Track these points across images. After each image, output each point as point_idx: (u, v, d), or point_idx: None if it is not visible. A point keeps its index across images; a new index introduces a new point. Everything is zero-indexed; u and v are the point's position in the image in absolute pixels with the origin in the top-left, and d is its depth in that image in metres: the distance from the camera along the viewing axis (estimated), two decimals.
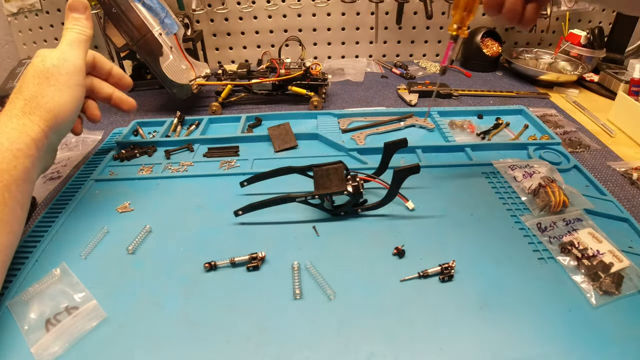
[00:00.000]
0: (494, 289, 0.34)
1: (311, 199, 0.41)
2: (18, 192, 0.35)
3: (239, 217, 0.42)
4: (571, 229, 0.40)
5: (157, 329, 0.32)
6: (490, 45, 0.88)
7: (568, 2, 0.86)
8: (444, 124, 0.61)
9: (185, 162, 0.54)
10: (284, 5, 0.90)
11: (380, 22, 0.93)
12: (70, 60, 0.42)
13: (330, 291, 0.34)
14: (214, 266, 0.37)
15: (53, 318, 0.32)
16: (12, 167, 0.35)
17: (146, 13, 0.66)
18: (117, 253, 0.39)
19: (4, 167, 0.34)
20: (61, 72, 0.41)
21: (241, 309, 0.33)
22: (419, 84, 0.78)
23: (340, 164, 0.43)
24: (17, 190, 0.35)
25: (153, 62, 0.66)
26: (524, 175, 0.47)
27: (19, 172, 0.35)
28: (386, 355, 0.29)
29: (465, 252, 0.38)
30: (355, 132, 0.60)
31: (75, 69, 0.42)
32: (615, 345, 0.30)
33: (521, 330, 0.31)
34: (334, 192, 0.40)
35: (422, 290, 0.34)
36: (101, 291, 0.34)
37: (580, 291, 0.34)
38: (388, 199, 0.42)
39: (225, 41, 0.95)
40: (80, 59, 0.43)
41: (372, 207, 0.43)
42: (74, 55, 0.42)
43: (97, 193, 0.48)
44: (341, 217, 0.43)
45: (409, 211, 0.43)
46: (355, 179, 0.42)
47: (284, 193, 0.41)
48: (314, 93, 0.70)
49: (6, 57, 0.94)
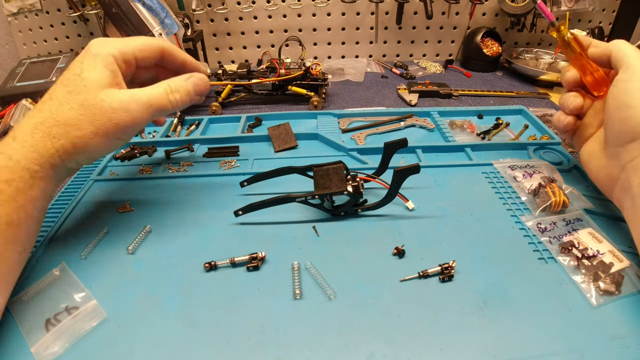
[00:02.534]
0: (494, 289, 0.34)
1: (311, 199, 0.41)
2: (34, 209, 0.33)
3: (239, 217, 0.42)
4: (571, 229, 0.40)
5: (157, 329, 0.32)
6: (490, 45, 0.88)
7: (568, 2, 0.86)
8: (444, 124, 0.61)
9: (185, 162, 0.54)
10: (284, 5, 0.90)
11: (380, 22, 0.93)
12: (132, 115, 0.35)
13: (330, 291, 0.34)
14: (214, 266, 0.37)
15: (53, 318, 0.32)
16: (28, 186, 0.32)
17: (146, 13, 0.66)
18: (117, 253, 0.39)
19: (20, 186, 0.32)
20: (112, 120, 0.34)
21: (241, 309, 0.33)
22: (419, 84, 0.78)
23: (340, 164, 0.43)
24: (33, 208, 0.33)
25: None
26: (524, 175, 0.47)
27: (35, 191, 0.33)
28: (386, 355, 0.29)
29: (465, 252, 0.38)
30: (355, 132, 0.60)
31: (130, 127, 0.36)
32: (615, 345, 0.30)
33: (521, 330, 0.31)
34: (334, 192, 0.40)
35: (422, 290, 0.34)
36: (101, 291, 0.35)
37: (580, 291, 0.34)
38: (388, 199, 0.42)
39: (225, 41, 0.95)
40: (143, 122, 0.36)
41: (372, 207, 0.43)
42: (139, 114, 0.36)
43: (97, 193, 0.48)
44: (341, 217, 0.43)
45: (409, 211, 0.43)
46: (355, 179, 0.42)
47: (284, 193, 0.41)
48: (314, 93, 0.70)
49: (6, 57, 0.94)
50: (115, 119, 0.34)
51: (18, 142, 0.33)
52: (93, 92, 0.34)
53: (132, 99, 0.35)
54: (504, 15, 0.90)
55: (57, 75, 0.80)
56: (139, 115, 0.36)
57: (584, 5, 0.87)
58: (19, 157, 0.32)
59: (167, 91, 0.38)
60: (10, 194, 0.31)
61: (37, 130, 0.33)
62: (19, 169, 0.32)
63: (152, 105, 0.36)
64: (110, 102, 0.34)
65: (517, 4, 0.84)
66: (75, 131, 0.34)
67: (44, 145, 0.33)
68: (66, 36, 0.92)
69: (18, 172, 0.32)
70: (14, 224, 0.31)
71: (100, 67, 0.35)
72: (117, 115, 0.34)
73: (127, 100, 0.35)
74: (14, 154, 0.32)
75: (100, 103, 0.34)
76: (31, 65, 0.83)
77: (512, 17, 0.88)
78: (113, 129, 0.35)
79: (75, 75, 0.35)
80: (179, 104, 0.39)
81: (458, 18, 0.93)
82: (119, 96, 0.35)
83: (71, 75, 0.35)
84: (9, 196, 0.31)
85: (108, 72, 0.35)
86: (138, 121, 0.36)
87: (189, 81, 0.40)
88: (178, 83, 0.39)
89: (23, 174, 0.32)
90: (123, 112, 0.35)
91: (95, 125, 0.34)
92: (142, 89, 0.37)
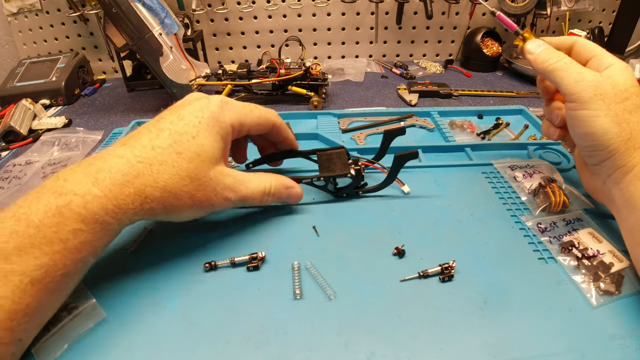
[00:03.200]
0: (494, 289, 0.34)
1: (317, 180, 0.43)
2: (93, 258, 0.30)
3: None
4: (571, 229, 0.40)
5: (157, 329, 0.32)
6: (490, 45, 0.88)
7: (568, 2, 0.86)
8: (444, 124, 0.61)
9: None
10: (284, 5, 0.90)
11: (380, 22, 0.93)
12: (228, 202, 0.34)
13: (330, 291, 0.34)
14: (214, 266, 0.37)
15: (53, 318, 0.32)
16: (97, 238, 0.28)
17: (146, 13, 0.66)
18: (117, 253, 0.39)
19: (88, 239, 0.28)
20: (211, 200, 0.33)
21: (241, 309, 0.33)
22: (419, 84, 0.78)
23: (342, 149, 0.45)
24: (92, 258, 0.30)
25: (153, 62, 0.66)
26: (524, 175, 0.47)
27: (102, 242, 0.29)
28: (386, 355, 0.29)
29: (465, 252, 0.38)
30: (355, 132, 0.60)
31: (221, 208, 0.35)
32: (615, 345, 0.30)
33: (521, 330, 0.31)
34: (338, 174, 0.42)
35: (422, 290, 0.34)
36: (101, 291, 0.34)
37: (580, 291, 0.34)
38: (387, 182, 0.44)
39: (225, 41, 0.95)
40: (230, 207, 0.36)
41: (372, 189, 0.45)
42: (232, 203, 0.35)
43: None
44: (343, 198, 0.45)
45: (409, 211, 0.43)
46: (357, 163, 0.44)
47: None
48: (314, 93, 0.70)
49: (6, 57, 0.94)
50: (214, 200, 0.33)
51: (100, 188, 0.28)
52: (205, 166, 0.32)
53: (234, 188, 0.35)
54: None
55: (57, 75, 0.79)
56: (232, 203, 0.35)
57: (584, 5, 0.87)
58: (96, 209, 0.28)
59: (266, 192, 0.37)
60: (75, 245, 0.27)
61: (128, 185, 0.29)
62: (92, 222, 0.27)
63: (246, 200, 0.36)
64: (215, 184, 0.33)
65: (517, 4, 0.84)
66: (173, 200, 0.31)
67: (131, 202, 0.29)
68: (66, 36, 0.92)
69: (90, 224, 0.27)
70: (70, 275, 0.28)
71: (217, 136, 0.33)
72: (216, 199, 0.33)
73: (230, 187, 0.34)
74: (92, 201, 0.28)
75: (209, 182, 0.32)
76: (31, 65, 0.83)
77: (512, 17, 0.88)
78: (209, 209, 0.34)
79: (190, 136, 0.32)
80: (268, 202, 0.39)
81: (458, 18, 0.93)
82: (225, 181, 0.34)
83: (184, 133, 0.32)
84: (73, 247, 0.27)
85: (223, 144, 0.34)
86: (228, 206, 0.36)
87: (288, 191, 0.40)
88: (279, 190, 0.39)
89: (95, 226, 0.28)
90: (222, 198, 0.34)
91: (194, 200, 0.32)
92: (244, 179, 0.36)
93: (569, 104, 0.36)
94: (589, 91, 0.34)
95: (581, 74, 0.35)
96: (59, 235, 0.26)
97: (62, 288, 0.28)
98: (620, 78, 0.35)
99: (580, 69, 0.36)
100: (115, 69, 0.96)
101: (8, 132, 0.65)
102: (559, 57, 0.37)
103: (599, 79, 0.35)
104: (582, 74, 0.35)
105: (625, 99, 0.34)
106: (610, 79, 0.35)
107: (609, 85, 0.34)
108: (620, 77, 0.35)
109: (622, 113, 0.34)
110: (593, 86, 0.34)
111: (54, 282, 0.27)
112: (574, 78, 0.35)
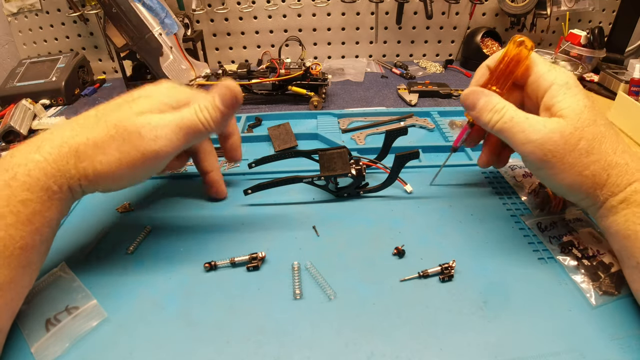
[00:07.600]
0: (493, 289, 0.34)
1: (317, 180, 0.43)
2: (50, 232, 0.31)
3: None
4: (571, 229, 0.40)
5: (157, 329, 0.32)
6: (490, 45, 0.88)
7: (568, 2, 0.86)
8: (444, 124, 0.61)
9: None
10: (284, 5, 0.90)
11: (380, 22, 0.93)
12: (161, 143, 0.32)
13: (330, 291, 0.34)
14: (214, 266, 0.37)
15: (53, 318, 0.32)
16: (45, 208, 0.30)
17: (146, 13, 0.66)
18: (117, 253, 0.39)
19: (37, 208, 0.29)
20: (138, 148, 0.31)
21: (241, 309, 0.33)
22: (419, 84, 0.78)
23: (344, 148, 0.46)
24: (48, 231, 0.31)
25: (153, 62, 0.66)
26: (524, 175, 0.47)
27: (52, 213, 0.31)
28: (386, 355, 0.29)
29: (465, 252, 0.38)
30: (355, 132, 0.60)
31: (158, 157, 0.32)
32: (616, 345, 0.30)
33: (521, 330, 0.31)
34: (339, 174, 0.42)
35: (422, 290, 0.34)
36: (101, 291, 0.34)
37: (580, 291, 0.34)
38: (389, 182, 0.44)
39: (225, 41, 0.95)
40: (172, 150, 0.33)
41: (373, 189, 0.45)
42: (169, 141, 0.32)
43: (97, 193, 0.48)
44: (344, 198, 0.45)
45: (410, 211, 0.43)
46: (358, 163, 0.44)
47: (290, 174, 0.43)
48: (314, 93, 0.70)
49: (6, 57, 0.94)
50: (142, 147, 0.31)
51: (41, 153, 0.30)
52: (133, 114, 0.32)
53: (161, 122, 0.32)
54: (504, 15, 0.90)
55: (56, 75, 0.80)
56: (168, 141, 0.32)
57: (584, 5, 0.87)
58: (38, 174, 0.29)
59: (196, 109, 0.34)
60: (27, 216, 0.29)
61: (65, 146, 0.30)
62: (37, 189, 0.29)
63: (181, 127, 0.33)
64: (140, 126, 0.31)
65: (517, 4, 0.84)
66: (100, 154, 0.31)
67: (67, 162, 0.30)
68: (66, 36, 0.92)
69: (36, 192, 0.29)
70: (28, 247, 0.29)
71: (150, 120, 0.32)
72: (144, 143, 0.31)
73: (155, 125, 0.32)
74: (34, 168, 0.29)
75: (132, 126, 0.31)
76: (31, 65, 0.83)
77: (512, 17, 0.88)
78: (140, 160, 0.32)
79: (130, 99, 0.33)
80: (211, 123, 0.34)
81: (458, 18, 0.93)
82: (150, 119, 0.32)
83: (126, 96, 0.33)
84: (25, 218, 0.28)
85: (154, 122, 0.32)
86: (167, 149, 0.32)
87: (213, 93, 0.35)
88: (205, 98, 0.35)
89: (41, 194, 0.29)
90: (151, 140, 0.31)
91: (121, 152, 0.31)
92: (173, 115, 0.33)
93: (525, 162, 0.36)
94: (538, 153, 0.32)
95: (525, 133, 0.32)
96: (10, 209, 0.28)
97: (25, 264, 0.29)
98: (570, 115, 0.31)
99: (524, 126, 0.32)
100: (115, 69, 0.96)
101: (8, 132, 0.65)
102: (501, 114, 0.34)
103: (545, 134, 0.32)
104: (526, 134, 0.32)
105: (578, 140, 0.31)
106: (559, 125, 0.31)
107: (558, 135, 0.31)
108: (570, 114, 0.32)
109: (578, 160, 0.31)
110: (539, 145, 0.32)
111: (14, 256, 0.28)
112: (520, 140, 0.33)
